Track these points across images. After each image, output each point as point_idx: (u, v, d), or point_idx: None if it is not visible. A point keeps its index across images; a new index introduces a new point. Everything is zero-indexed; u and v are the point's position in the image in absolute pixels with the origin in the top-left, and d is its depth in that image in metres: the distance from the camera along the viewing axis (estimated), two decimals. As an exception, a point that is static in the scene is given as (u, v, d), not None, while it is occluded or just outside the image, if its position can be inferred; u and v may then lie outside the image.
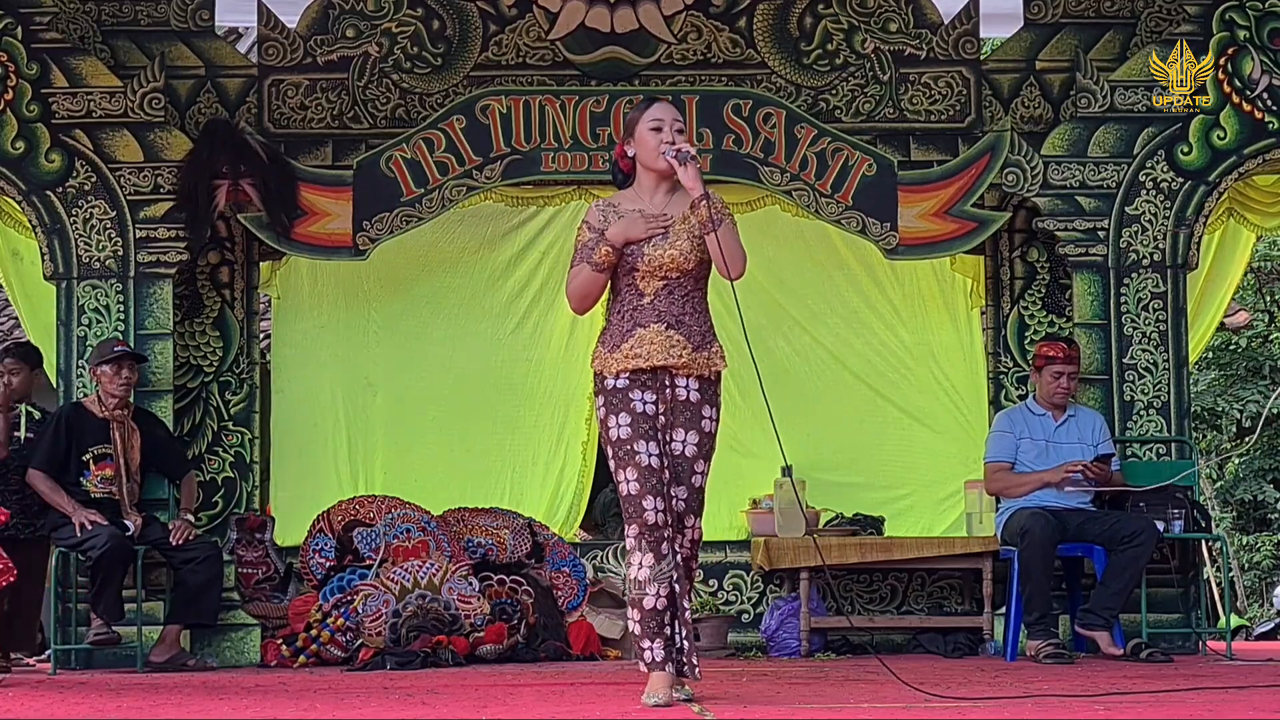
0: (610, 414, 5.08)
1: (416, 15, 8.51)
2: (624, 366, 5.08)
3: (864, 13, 8.56)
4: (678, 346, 5.09)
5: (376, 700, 5.49)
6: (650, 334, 5.09)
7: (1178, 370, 8.20)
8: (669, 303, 5.13)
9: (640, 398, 5.07)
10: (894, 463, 8.96)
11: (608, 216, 5.19)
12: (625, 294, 5.18)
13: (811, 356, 8.97)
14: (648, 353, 5.07)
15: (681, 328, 5.12)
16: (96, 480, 7.62)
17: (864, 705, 5.04)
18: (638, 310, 5.14)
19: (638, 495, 5.00)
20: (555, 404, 8.96)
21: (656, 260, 5.11)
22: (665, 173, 5.19)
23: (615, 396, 5.09)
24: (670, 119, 5.18)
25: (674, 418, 5.10)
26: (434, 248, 8.96)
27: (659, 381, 5.10)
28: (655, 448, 5.03)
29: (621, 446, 5.04)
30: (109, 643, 7.46)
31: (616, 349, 5.11)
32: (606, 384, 5.12)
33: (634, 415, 5.05)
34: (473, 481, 8.83)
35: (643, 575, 4.98)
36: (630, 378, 5.09)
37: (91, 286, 8.08)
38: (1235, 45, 8.19)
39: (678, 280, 5.14)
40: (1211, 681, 5.87)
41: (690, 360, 5.10)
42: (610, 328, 5.18)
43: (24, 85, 8.03)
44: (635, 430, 5.04)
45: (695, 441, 5.11)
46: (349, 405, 8.91)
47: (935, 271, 8.95)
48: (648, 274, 5.12)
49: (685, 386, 5.12)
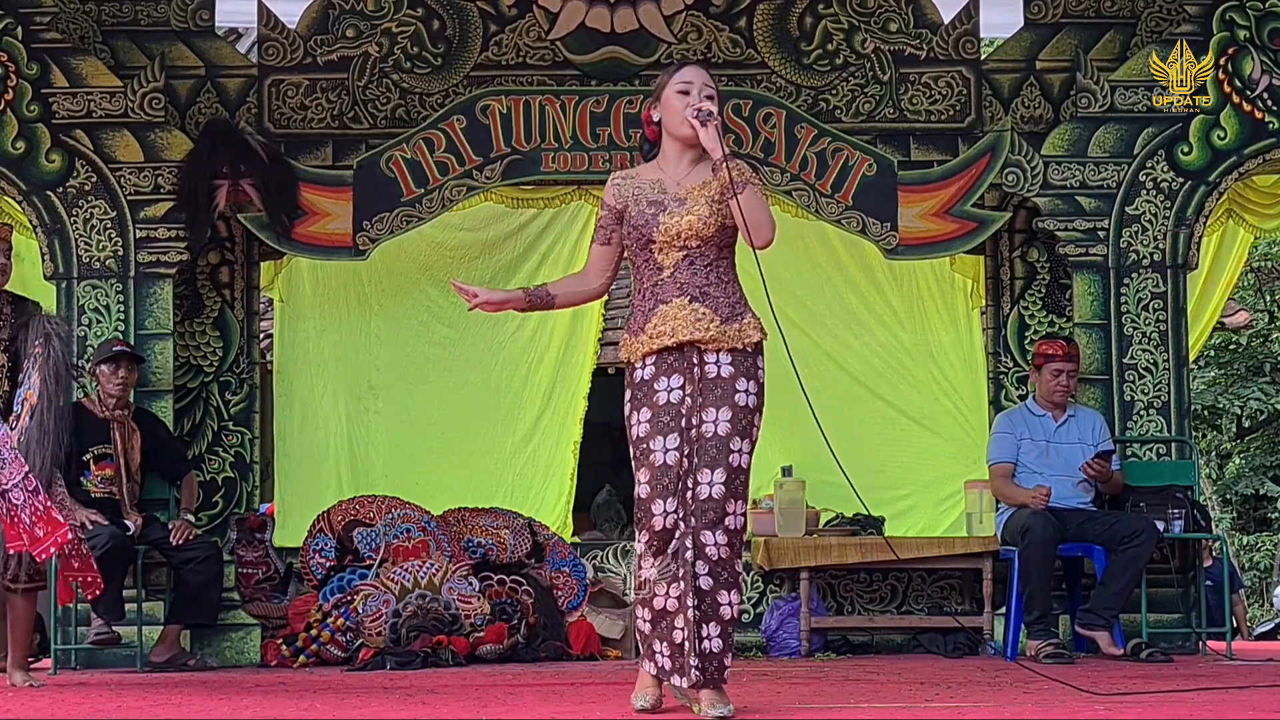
0: (633, 410, 4.78)
1: (416, 15, 8.51)
2: (650, 348, 4.76)
3: (864, 13, 8.56)
4: (704, 320, 4.74)
5: (376, 700, 5.49)
6: (673, 309, 4.76)
7: (1178, 370, 8.20)
8: (690, 274, 4.79)
9: (666, 385, 4.74)
10: (894, 463, 8.96)
11: (623, 189, 4.88)
12: (645, 270, 4.85)
13: (810, 358, 8.95)
14: (672, 329, 4.74)
15: (707, 299, 4.77)
16: (97, 480, 7.63)
17: (864, 705, 5.04)
18: (658, 286, 4.81)
19: (647, 499, 4.71)
20: (555, 405, 8.96)
21: (673, 229, 4.77)
22: (690, 140, 4.82)
23: (640, 390, 4.78)
24: (701, 82, 4.82)
25: (703, 398, 4.73)
26: (435, 250, 8.97)
27: (686, 360, 4.75)
28: (674, 440, 4.70)
29: (638, 446, 4.75)
30: (109, 643, 7.46)
31: (641, 332, 4.80)
32: (635, 375, 4.81)
33: (655, 409, 4.73)
34: (473, 482, 8.83)
35: (652, 575, 4.69)
36: (656, 363, 4.76)
37: (92, 286, 8.08)
38: (1235, 45, 8.19)
39: (698, 250, 4.79)
40: (1211, 681, 5.87)
41: (719, 333, 4.75)
42: (634, 311, 4.86)
43: (24, 85, 8.03)
44: (654, 426, 4.72)
45: (728, 418, 4.71)
46: (350, 407, 8.92)
47: (935, 272, 8.95)
48: (665, 245, 4.79)
49: (715, 363, 4.76)
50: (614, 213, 4.91)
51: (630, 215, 4.86)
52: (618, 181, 4.94)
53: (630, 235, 4.87)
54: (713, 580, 4.68)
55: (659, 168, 4.93)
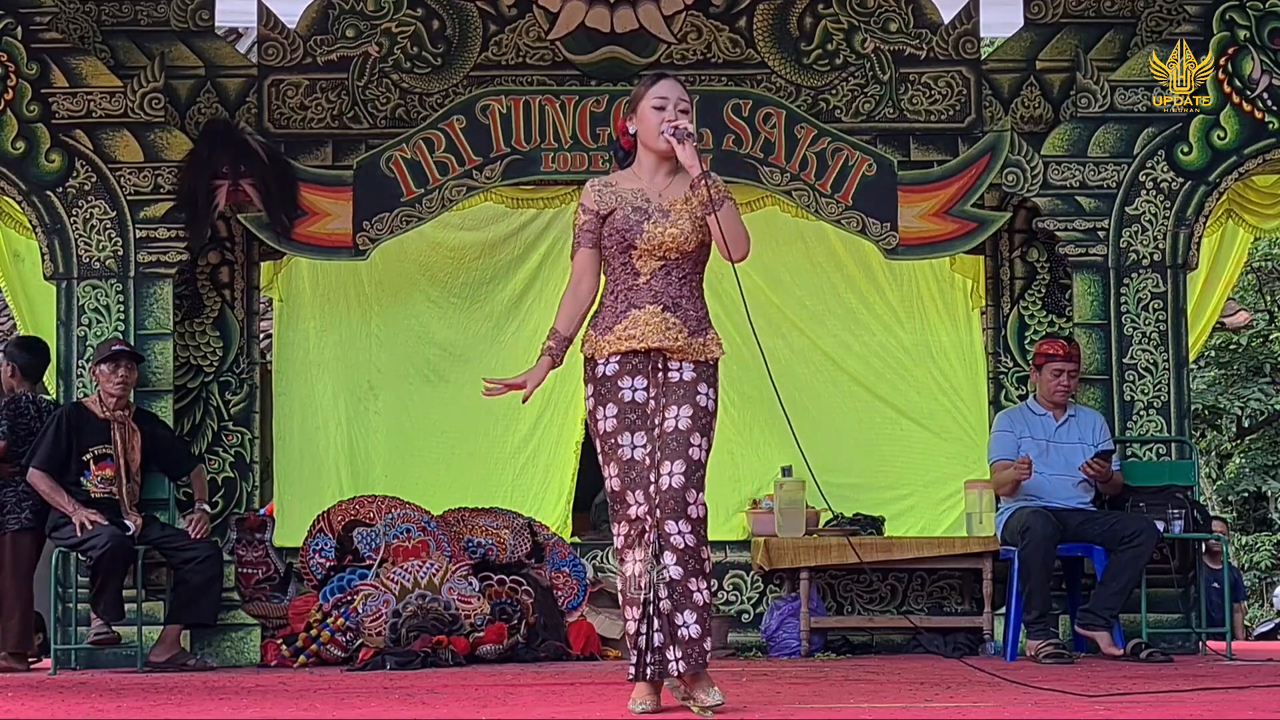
0: (598, 405, 4.92)
1: (416, 15, 8.51)
2: (615, 349, 4.89)
3: (864, 13, 8.56)
4: (674, 329, 4.88)
5: (376, 700, 5.49)
6: (645, 315, 4.89)
7: (1178, 370, 8.20)
8: (665, 284, 4.93)
9: (630, 385, 4.89)
10: (893, 464, 8.96)
11: (604, 196, 4.98)
12: (620, 273, 4.97)
13: (810, 358, 8.97)
14: (642, 334, 4.87)
15: (678, 310, 4.91)
16: (97, 480, 7.62)
17: (864, 705, 5.03)
18: (632, 290, 4.93)
19: (620, 491, 4.83)
20: (555, 405, 8.95)
21: (656, 239, 4.90)
22: (666, 153, 4.96)
23: (604, 386, 4.91)
24: (675, 98, 4.94)
25: (666, 399, 4.87)
26: (435, 250, 8.97)
27: (650, 364, 4.89)
28: (642, 438, 4.84)
29: (607, 440, 4.87)
30: (109, 643, 7.46)
31: (609, 331, 4.93)
32: (596, 370, 4.94)
33: (621, 405, 4.87)
34: (473, 482, 8.83)
35: (637, 570, 4.78)
36: (620, 362, 4.90)
37: (92, 286, 8.08)
38: (1235, 45, 8.19)
39: (676, 261, 4.93)
40: (1211, 681, 5.87)
41: (685, 345, 4.90)
42: (603, 309, 4.98)
43: (24, 85, 8.03)
44: (621, 421, 4.86)
45: (689, 415, 4.85)
46: (350, 407, 8.92)
47: (934, 272, 8.94)
48: (646, 253, 4.92)
49: (678, 369, 4.90)
50: (597, 216, 5.00)
51: (615, 219, 4.96)
52: (598, 187, 5.04)
53: (611, 238, 4.96)
54: (682, 569, 4.78)
55: (636, 175, 5.04)
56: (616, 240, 4.95)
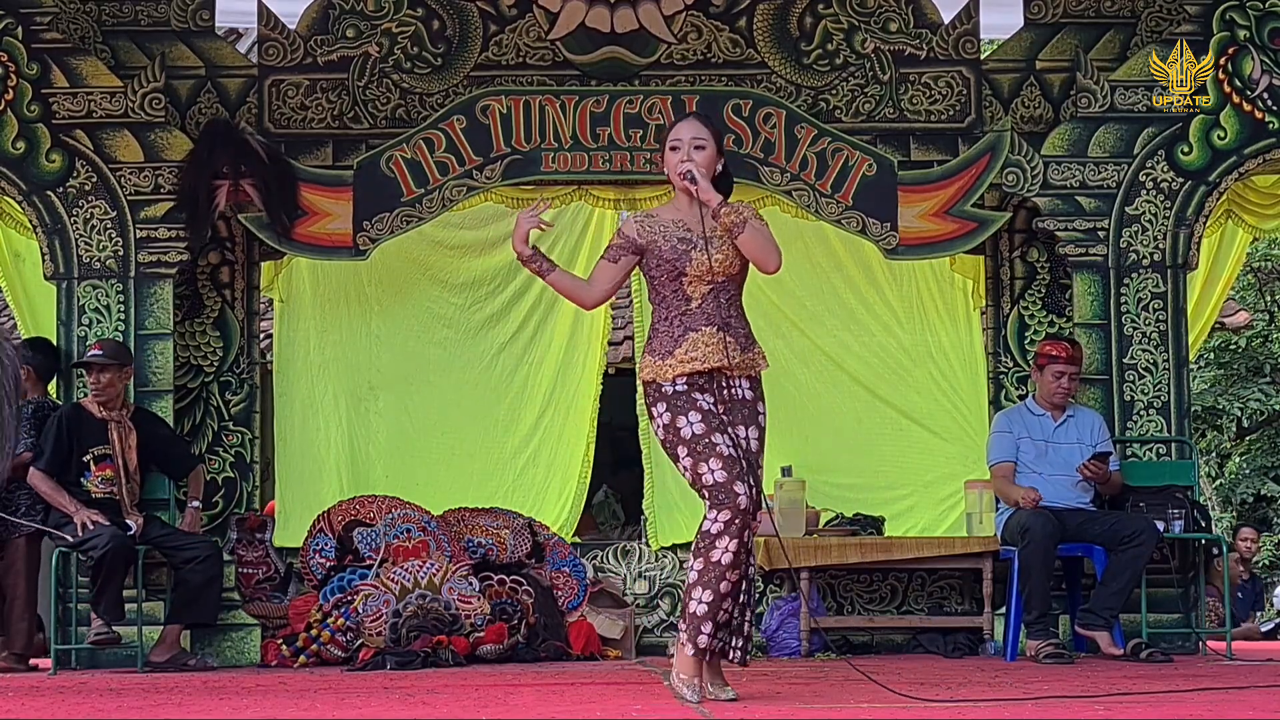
0: (678, 415, 5.19)
1: (416, 15, 8.51)
2: (680, 371, 5.21)
3: (864, 13, 8.56)
4: (730, 348, 5.22)
5: (376, 700, 5.49)
6: (703, 337, 5.23)
7: (1178, 370, 8.20)
8: (716, 306, 5.27)
9: (702, 398, 5.21)
10: (893, 464, 8.96)
11: (645, 227, 5.33)
12: (672, 300, 5.30)
13: (810, 359, 8.97)
14: (704, 355, 5.21)
15: (730, 330, 5.27)
16: (97, 481, 7.63)
17: (864, 705, 5.03)
18: (687, 315, 5.27)
19: (727, 482, 5.09)
20: (556, 405, 8.95)
21: (704, 265, 5.24)
22: (685, 190, 5.32)
23: (679, 400, 5.21)
24: (689, 139, 5.31)
25: (733, 416, 5.25)
26: (435, 250, 8.97)
27: (715, 383, 5.24)
28: (730, 439, 5.16)
29: (699, 441, 5.14)
30: (109, 643, 7.46)
31: (670, 355, 5.24)
32: (664, 390, 5.23)
33: (702, 412, 5.18)
34: (473, 482, 8.83)
35: (726, 560, 5.06)
36: (689, 383, 5.21)
37: (92, 286, 8.08)
38: (1235, 45, 8.19)
39: (723, 284, 5.28)
40: (1211, 681, 5.86)
41: (741, 360, 5.26)
42: (658, 335, 5.30)
43: (24, 85, 8.04)
44: (708, 425, 5.16)
45: (757, 436, 5.28)
46: (350, 407, 8.91)
47: (934, 272, 8.94)
48: (695, 279, 5.25)
49: (739, 386, 5.28)
50: (633, 245, 5.34)
51: (660, 250, 5.30)
52: (640, 219, 5.41)
53: (659, 268, 5.31)
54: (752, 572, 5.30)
55: (676, 207, 5.40)
56: (666, 269, 5.29)
